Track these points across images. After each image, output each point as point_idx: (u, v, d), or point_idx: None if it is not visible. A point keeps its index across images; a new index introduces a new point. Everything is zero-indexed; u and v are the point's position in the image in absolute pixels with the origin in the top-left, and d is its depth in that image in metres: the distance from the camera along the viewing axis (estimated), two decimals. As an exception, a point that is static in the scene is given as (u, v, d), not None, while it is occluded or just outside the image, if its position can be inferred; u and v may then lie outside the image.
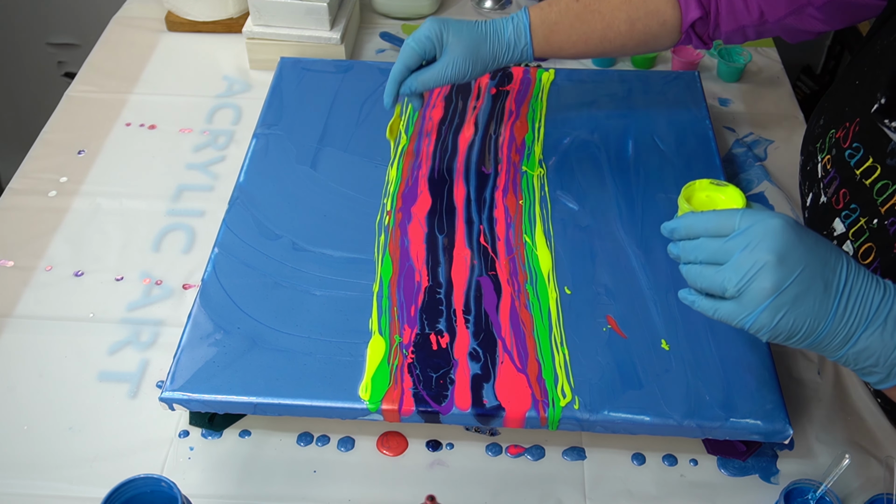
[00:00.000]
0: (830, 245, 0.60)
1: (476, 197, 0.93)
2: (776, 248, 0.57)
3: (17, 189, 1.03)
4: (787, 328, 0.58)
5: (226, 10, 1.28)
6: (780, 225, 0.58)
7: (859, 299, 0.58)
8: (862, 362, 0.60)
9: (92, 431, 0.79)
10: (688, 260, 0.62)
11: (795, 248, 0.57)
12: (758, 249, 0.57)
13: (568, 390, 0.74)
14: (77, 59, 1.51)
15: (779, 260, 0.57)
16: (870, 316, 0.58)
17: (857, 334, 0.58)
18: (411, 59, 0.87)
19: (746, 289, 0.58)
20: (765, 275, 0.57)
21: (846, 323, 0.58)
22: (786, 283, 0.57)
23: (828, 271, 0.58)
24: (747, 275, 0.57)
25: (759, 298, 0.58)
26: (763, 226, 0.58)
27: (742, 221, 0.59)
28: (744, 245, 0.58)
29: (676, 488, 0.76)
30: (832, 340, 0.59)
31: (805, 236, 0.58)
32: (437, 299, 0.82)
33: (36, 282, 0.92)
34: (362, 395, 0.74)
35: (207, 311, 0.80)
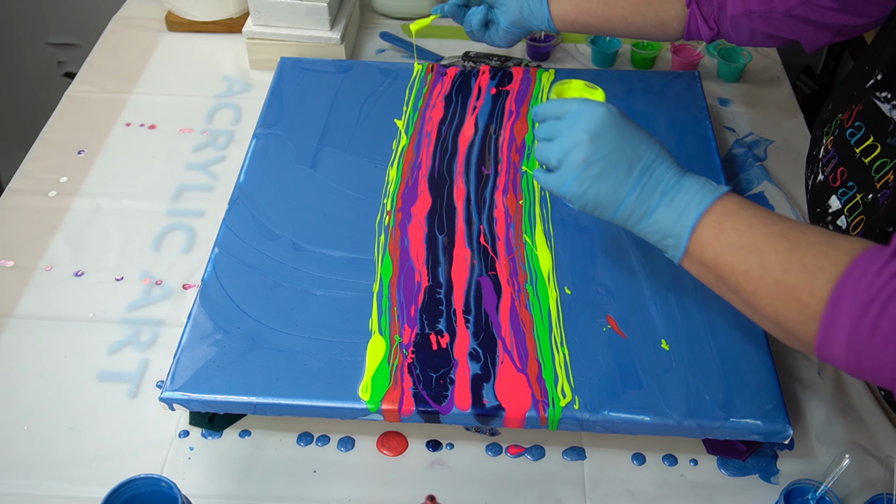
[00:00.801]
0: (647, 137, 0.69)
1: (476, 197, 0.93)
2: (592, 129, 0.68)
3: (17, 189, 1.03)
4: (593, 199, 0.69)
5: (226, 10, 1.28)
6: (602, 111, 0.69)
7: (657, 181, 0.67)
8: (656, 236, 0.68)
9: (92, 431, 0.79)
10: (536, 137, 0.74)
11: (609, 132, 0.68)
12: (577, 129, 0.69)
13: (568, 390, 0.74)
14: (77, 59, 1.51)
15: (591, 139, 0.68)
16: (663, 195, 0.67)
17: (651, 209, 0.67)
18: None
19: (564, 161, 0.69)
20: (578, 150, 0.68)
21: (643, 199, 0.67)
22: (593, 159, 0.68)
23: (635, 157, 0.68)
24: (565, 149, 0.69)
25: (571, 169, 0.69)
26: (589, 111, 0.69)
27: (575, 106, 0.70)
28: (570, 125, 0.69)
29: (676, 488, 0.76)
30: (632, 214, 0.68)
31: (623, 125, 0.69)
32: (437, 299, 0.82)
33: (36, 282, 0.92)
34: (362, 395, 0.74)
35: (207, 311, 0.80)
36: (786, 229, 0.62)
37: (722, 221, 0.65)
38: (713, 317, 0.81)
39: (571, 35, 1.30)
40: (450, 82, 1.09)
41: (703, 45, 1.21)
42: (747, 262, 0.63)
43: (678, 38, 0.98)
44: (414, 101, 1.06)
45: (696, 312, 0.81)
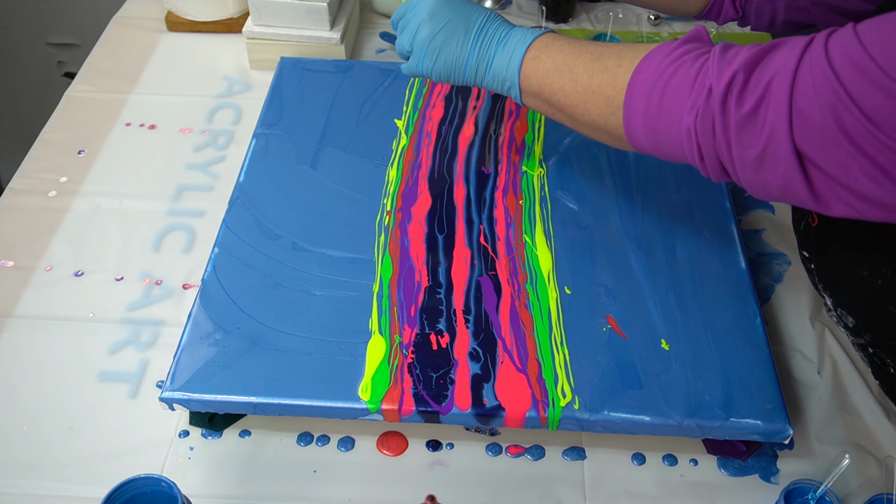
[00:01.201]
0: (476, 6, 0.80)
1: (476, 197, 0.93)
2: (428, 9, 0.80)
3: (17, 189, 1.03)
4: (443, 65, 0.80)
5: (226, 10, 1.28)
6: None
7: (490, 36, 0.78)
8: (500, 85, 0.79)
9: (92, 431, 0.79)
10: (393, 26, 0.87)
11: (442, 7, 0.80)
12: (417, 13, 0.81)
13: (568, 390, 0.74)
14: (77, 59, 1.51)
15: (429, 17, 0.80)
16: (498, 45, 0.78)
17: (490, 60, 0.78)
18: None
19: (413, 43, 0.82)
20: (420, 29, 0.80)
21: (483, 55, 0.79)
22: (434, 32, 0.79)
23: (469, 21, 0.79)
24: (411, 32, 0.81)
25: (420, 47, 0.81)
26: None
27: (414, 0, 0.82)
28: (412, 13, 0.81)
29: (676, 488, 0.76)
30: (477, 71, 0.79)
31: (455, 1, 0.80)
32: (437, 299, 0.82)
33: (36, 282, 0.92)
34: (362, 395, 0.74)
35: (207, 311, 0.80)
36: (592, 47, 0.72)
37: (539, 54, 0.75)
38: (713, 317, 0.81)
39: (571, 35, 1.29)
40: (450, 82, 1.09)
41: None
42: (561, 79, 0.72)
43: (696, 14, 0.97)
44: (414, 101, 1.06)
45: (696, 312, 0.81)
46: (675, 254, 0.87)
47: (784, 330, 0.88)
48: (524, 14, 1.35)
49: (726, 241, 0.88)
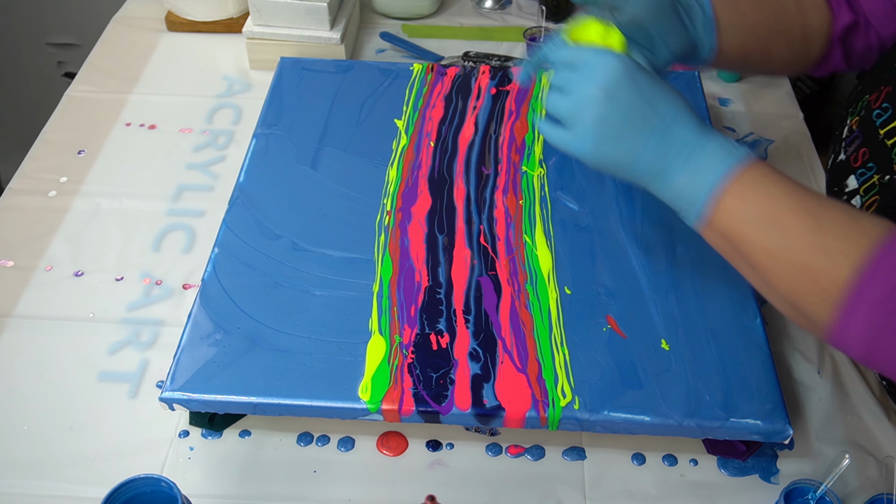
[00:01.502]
0: (666, 91, 0.64)
1: (476, 197, 0.93)
2: (607, 85, 0.63)
3: (17, 189, 1.03)
4: (606, 158, 0.65)
5: (226, 10, 1.28)
6: (617, 64, 0.63)
7: (676, 139, 0.63)
8: (673, 199, 0.65)
9: (92, 431, 0.79)
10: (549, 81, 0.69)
11: (626, 87, 0.63)
12: (592, 84, 0.63)
13: (568, 390, 0.74)
14: (77, 59, 1.51)
15: (607, 96, 0.63)
16: (681, 155, 0.63)
17: (671, 170, 0.63)
18: None
19: (576, 118, 0.64)
20: (592, 107, 0.63)
21: (662, 159, 0.63)
22: (609, 118, 0.63)
23: (653, 114, 0.63)
24: (578, 105, 0.64)
25: (585, 128, 0.64)
26: (604, 64, 0.64)
27: (590, 56, 0.65)
28: (584, 78, 0.64)
29: (676, 488, 0.76)
30: (647, 172, 0.64)
31: (641, 79, 0.63)
32: (437, 299, 0.82)
33: (36, 282, 0.92)
34: (362, 395, 0.74)
35: (207, 311, 0.80)
36: (810, 204, 0.60)
37: (744, 191, 0.61)
38: (713, 317, 0.81)
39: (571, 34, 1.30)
40: (450, 82, 1.09)
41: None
42: (769, 237, 0.60)
43: (803, 73, 0.89)
44: (414, 101, 1.06)
45: (696, 312, 0.81)
46: (675, 254, 0.87)
47: (784, 330, 0.88)
48: (524, 14, 1.35)
49: (726, 241, 0.88)
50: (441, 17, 1.34)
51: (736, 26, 0.81)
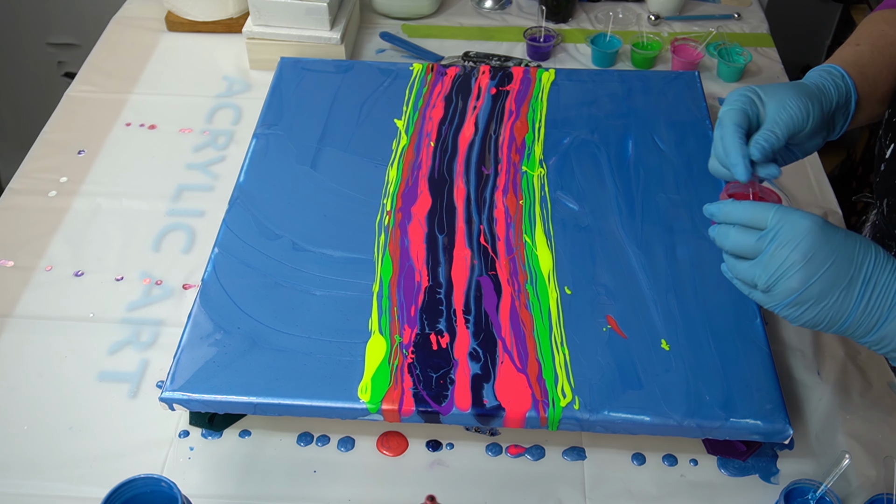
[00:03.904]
0: (858, 240, 0.62)
1: (476, 197, 0.93)
2: (803, 249, 0.61)
3: (17, 189, 1.03)
4: (813, 320, 0.63)
5: (226, 10, 1.28)
6: (809, 226, 0.61)
7: (882, 292, 0.62)
8: (885, 347, 0.63)
9: (92, 431, 0.79)
10: (721, 244, 0.67)
11: (822, 247, 0.61)
12: (786, 248, 0.61)
13: (568, 390, 0.74)
14: (77, 59, 1.51)
15: (805, 260, 0.61)
16: (892, 306, 0.61)
17: (880, 323, 0.62)
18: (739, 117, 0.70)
19: (774, 285, 0.62)
20: (791, 274, 0.61)
21: (869, 314, 0.62)
22: (810, 282, 0.61)
23: (853, 268, 0.61)
24: (776, 273, 0.62)
25: (785, 294, 0.62)
26: (793, 225, 0.62)
27: (774, 218, 0.62)
28: (774, 244, 0.62)
29: (676, 488, 0.76)
30: (857, 329, 0.63)
31: (833, 235, 0.62)
32: (437, 299, 0.82)
33: (36, 282, 0.92)
34: (362, 395, 0.74)
35: (207, 311, 0.80)
36: None
37: None
38: (713, 317, 0.81)
39: (571, 35, 1.30)
40: (450, 82, 1.09)
41: (702, 45, 1.21)
42: None
43: None
44: (414, 101, 1.06)
45: (696, 312, 0.81)
46: (675, 254, 0.87)
47: (784, 330, 0.88)
48: (524, 14, 1.35)
49: (726, 241, 0.88)
50: (441, 17, 1.34)
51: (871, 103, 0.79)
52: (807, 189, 1.04)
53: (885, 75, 0.79)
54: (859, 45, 0.80)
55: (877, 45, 0.80)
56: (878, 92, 0.79)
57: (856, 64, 0.78)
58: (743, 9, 1.37)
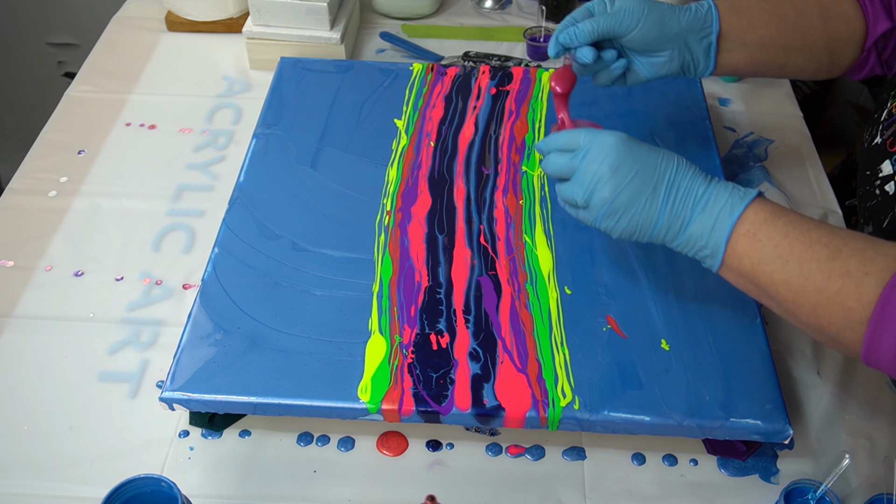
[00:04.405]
0: (661, 152, 0.69)
1: (476, 197, 0.93)
2: (610, 161, 0.67)
3: (17, 189, 1.03)
4: (628, 228, 0.69)
5: (226, 10, 1.28)
6: (614, 141, 0.68)
7: (684, 196, 0.67)
8: (693, 249, 0.68)
9: (92, 431, 0.79)
10: (546, 171, 0.73)
11: (626, 158, 0.67)
12: (595, 162, 0.68)
13: (568, 390, 0.74)
14: (77, 59, 1.51)
15: (612, 171, 0.67)
16: (695, 207, 0.67)
17: (685, 224, 0.67)
18: (579, 12, 0.79)
19: (591, 198, 0.69)
20: (602, 185, 0.68)
21: (675, 216, 0.67)
22: (619, 190, 0.67)
23: (656, 175, 0.67)
24: (589, 186, 0.68)
25: (600, 205, 0.68)
26: (600, 143, 0.68)
27: (585, 139, 0.69)
28: (586, 161, 0.69)
29: (676, 488, 0.76)
30: (667, 233, 0.68)
31: (637, 148, 0.68)
32: (437, 299, 0.82)
33: (36, 282, 0.92)
34: (362, 395, 0.74)
35: (207, 311, 0.80)
36: (824, 236, 0.62)
37: (756, 231, 0.64)
38: (713, 317, 0.81)
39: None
40: (450, 82, 1.09)
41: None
42: (786, 271, 0.62)
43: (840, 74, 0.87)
44: (414, 101, 1.06)
45: (696, 312, 0.81)
46: (675, 254, 0.86)
47: (784, 330, 0.88)
48: (524, 14, 1.35)
49: (726, 241, 0.88)
50: (441, 17, 1.34)
51: (744, 43, 0.81)
52: (807, 189, 1.04)
53: (764, 21, 0.80)
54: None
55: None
56: (755, 34, 0.80)
57: (737, 3, 0.81)
58: (743, 9, 1.37)
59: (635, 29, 0.78)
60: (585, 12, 0.79)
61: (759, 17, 0.81)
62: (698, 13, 0.80)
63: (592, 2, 0.79)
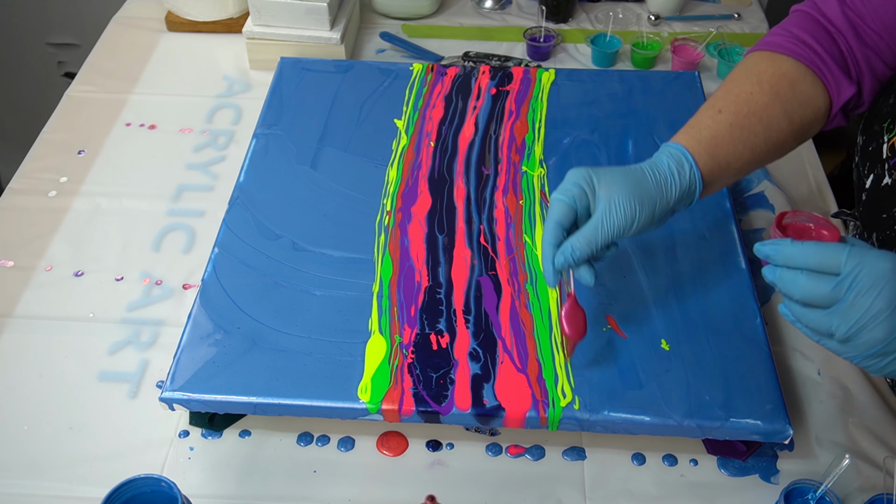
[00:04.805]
0: None
1: (476, 197, 0.93)
2: (888, 296, 0.55)
3: (17, 189, 1.03)
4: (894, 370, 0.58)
5: (226, 10, 1.28)
6: (891, 269, 0.56)
7: None
8: None
9: (92, 431, 0.79)
10: (787, 293, 0.60)
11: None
12: (868, 296, 0.56)
13: (568, 390, 0.74)
14: (77, 59, 1.51)
15: (891, 308, 0.55)
16: None
17: None
18: (562, 213, 0.70)
19: (856, 335, 0.57)
20: (876, 324, 0.56)
21: None
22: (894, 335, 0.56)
23: None
24: (857, 324, 0.56)
25: (869, 345, 0.57)
26: (872, 269, 0.56)
27: (850, 262, 0.57)
28: (853, 292, 0.56)
29: (676, 488, 0.76)
30: None
31: None
32: (437, 299, 0.82)
33: (36, 282, 0.92)
34: (362, 395, 0.74)
35: (207, 311, 0.80)
36: None
37: None
38: (713, 317, 0.81)
39: (571, 35, 1.30)
40: (450, 82, 1.09)
41: (702, 45, 1.21)
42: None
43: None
44: (414, 101, 1.06)
45: (696, 312, 0.81)
46: (675, 254, 0.87)
47: (784, 330, 0.88)
48: (524, 14, 1.35)
49: (726, 241, 0.88)
50: (441, 17, 1.34)
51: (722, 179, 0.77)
52: (806, 189, 1.04)
53: (738, 152, 0.75)
54: (721, 112, 0.76)
55: (739, 113, 0.75)
56: (730, 169, 0.76)
57: (710, 142, 0.74)
58: (743, 9, 1.37)
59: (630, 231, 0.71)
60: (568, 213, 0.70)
61: (733, 150, 0.75)
62: (682, 182, 0.73)
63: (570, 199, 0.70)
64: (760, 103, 0.75)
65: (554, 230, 0.70)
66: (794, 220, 0.68)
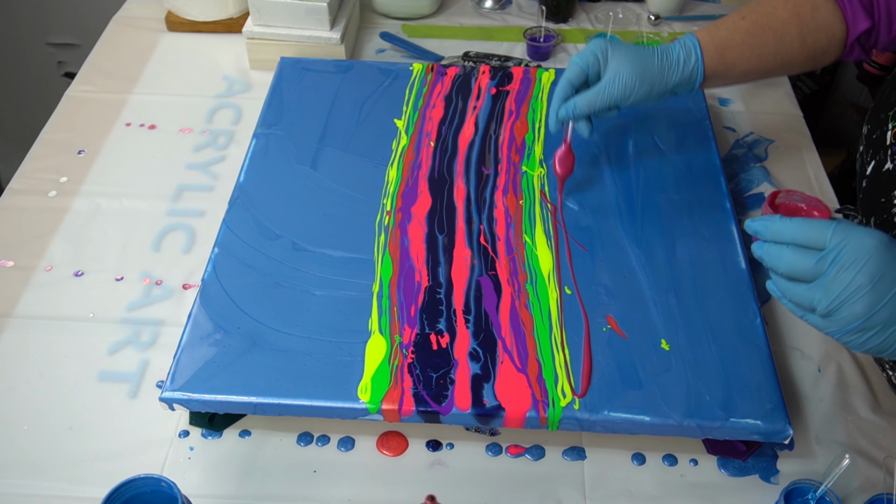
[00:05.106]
0: None
1: (476, 197, 0.93)
2: (870, 271, 0.56)
3: (17, 189, 1.03)
4: (879, 346, 0.58)
5: (226, 10, 1.28)
6: (875, 245, 0.57)
7: None
8: None
9: (92, 431, 0.79)
10: (772, 267, 0.61)
11: (890, 268, 0.56)
12: (850, 271, 0.56)
13: (568, 390, 0.74)
14: (77, 59, 1.51)
15: (872, 283, 0.56)
16: None
17: None
18: (575, 74, 0.84)
19: (837, 310, 0.58)
20: (856, 299, 0.56)
21: None
22: (877, 307, 0.56)
23: None
24: (838, 298, 0.57)
25: (849, 320, 0.57)
26: (857, 245, 0.57)
27: (835, 237, 0.57)
28: (836, 266, 0.57)
29: (676, 488, 0.76)
30: None
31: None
32: (437, 299, 0.82)
33: (36, 282, 0.92)
34: (362, 395, 0.74)
35: (207, 311, 0.80)
36: None
37: None
38: (713, 317, 0.81)
39: (571, 35, 1.30)
40: (450, 82, 1.09)
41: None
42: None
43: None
44: (414, 101, 1.06)
45: (696, 312, 0.81)
46: (675, 254, 0.87)
47: (784, 330, 0.88)
48: (524, 14, 1.35)
49: (726, 241, 0.88)
50: (441, 17, 1.34)
51: (726, 77, 0.86)
52: (807, 189, 1.04)
53: (746, 57, 0.84)
54: (744, 18, 0.85)
55: (758, 23, 0.84)
56: (735, 70, 0.85)
57: (722, 42, 0.84)
58: (743, 9, 1.37)
59: (627, 101, 0.83)
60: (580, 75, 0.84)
61: (741, 54, 0.84)
62: (685, 71, 0.84)
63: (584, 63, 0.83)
64: (780, 19, 0.83)
65: (564, 86, 0.84)
66: (786, 199, 0.69)
